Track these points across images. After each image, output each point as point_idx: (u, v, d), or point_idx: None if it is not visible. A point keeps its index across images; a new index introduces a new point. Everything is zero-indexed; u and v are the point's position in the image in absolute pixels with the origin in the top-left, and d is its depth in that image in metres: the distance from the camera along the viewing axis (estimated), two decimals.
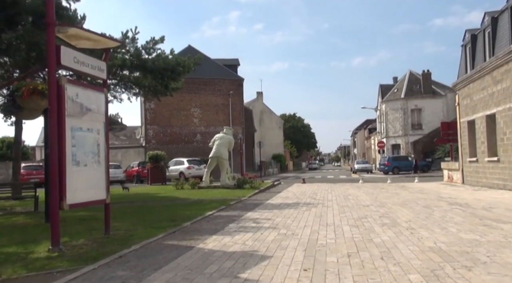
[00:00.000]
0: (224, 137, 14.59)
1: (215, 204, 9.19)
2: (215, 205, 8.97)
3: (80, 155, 4.80)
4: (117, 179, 24.64)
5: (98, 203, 5.38)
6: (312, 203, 9.29)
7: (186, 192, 13.19)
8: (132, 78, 12.01)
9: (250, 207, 8.64)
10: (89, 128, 5.04)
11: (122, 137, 37.48)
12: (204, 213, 7.62)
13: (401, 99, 36.87)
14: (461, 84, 16.03)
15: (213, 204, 9.25)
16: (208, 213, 7.62)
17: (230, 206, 8.95)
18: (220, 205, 8.85)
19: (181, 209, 8.47)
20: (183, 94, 32.36)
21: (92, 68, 5.13)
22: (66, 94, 4.59)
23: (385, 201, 9.25)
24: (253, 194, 12.09)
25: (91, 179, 5.03)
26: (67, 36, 4.90)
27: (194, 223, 6.46)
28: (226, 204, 9.11)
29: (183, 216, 7.32)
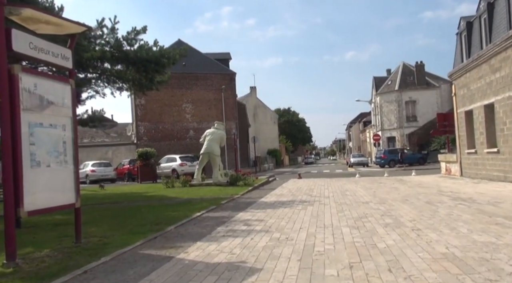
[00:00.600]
0: (215, 133, 13.98)
1: (205, 203, 8.63)
2: (205, 204, 8.40)
3: (41, 154, 4.17)
4: (107, 177, 24.00)
5: (65, 208, 4.77)
6: (308, 200, 8.77)
7: (176, 190, 12.60)
8: (114, 72, 11.32)
9: (242, 207, 8.09)
10: (52, 123, 4.42)
11: (113, 134, 36.66)
12: (192, 214, 7.05)
13: (395, 91, 36.51)
14: (457, 73, 15.59)
15: (203, 203, 8.68)
16: (196, 214, 7.05)
17: (221, 205, 8.40)
18: (210, 205, 8.29)
19: (168, 210, 7.89)
20: (174, 90, 31.63)
21: (54, 56, 4.49)
22: (21, 85, 3.95)
23: (384, 197, 8.77)
24: (247, 191, 11.55)
25: (55, 181, 4.41)
26: (23, 19, 4.25)
27: (179, 226, 5.89)
28: (217, 204, 8.55)
29: (169, 218, 6.74)
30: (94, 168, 23.90)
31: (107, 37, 10.20)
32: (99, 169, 23.99)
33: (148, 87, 11.40)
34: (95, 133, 37.26)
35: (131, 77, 11.39)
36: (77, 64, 9.85)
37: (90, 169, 23.89)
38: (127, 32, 10.32)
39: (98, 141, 35.13)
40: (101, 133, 37.12)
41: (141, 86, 11.51)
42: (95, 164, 24.53)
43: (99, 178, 23.54)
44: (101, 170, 23.97)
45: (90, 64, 10.30)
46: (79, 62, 9.68)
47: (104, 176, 23.84)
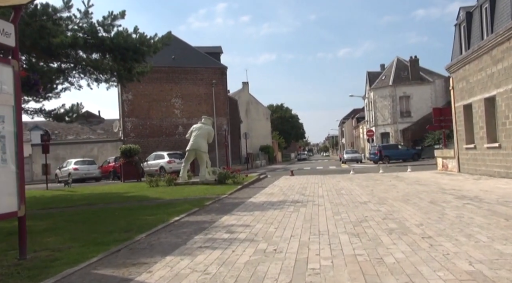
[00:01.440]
0: (202, 128, 13.14)
1: (188, 205, 7.83)
2: (187, 207, 7.60)
3: None
4: (92, 176, 22.99)
5: (5, 218, 3.92)
6: (300, 200, 8.03)
7: (160, 190, 11.76)
8: (90, 61, 10.39)
9: (227, 209, 7.32)
10: None
11: (99, 131, 35.52)
12: (170, 218, 6.25)
13: (389, 86, 36.03)
14: (455, 66, 14.99)
15: (185, 205, 7.88)
16: (175, 218, 6.26)
17: (205, 207, 7.61)
18: (192, 207, 7.49)
19: (144, 213, 7.07)
20: (162, 84, 30.62)
21: None
22: None
23: (383, 196, 8.08)
24: (235, 190, 10.77)
25: None
26: None
27: (151, 234, 5.09)
28: (201, 205, 7.77)
29: (143, 223, 5.94)
30: (77, 166, 22.81)
31: (80, 21, 9.26)
32: (83, 167, 22.91)
33: (127, 78, 10.50)
34: (81, 129, 36.07)
35: (109, 67, 10.50)
36: (45, 51, 8.92)
37: (73, 167, 22.80)
38: (103, 17, 9.39)
39: (84, 138, 33.99)
40: (86, 130, 35.94)
41: (120, 77, 10.60)
42: (78, 162, 23.45)
43: (82, 176, 22.55)
44: (85, 168, 22.90)
45: (62, 52, 9.36)
46: (48, 48, 8.75)
47: (88, 175, 22.83)
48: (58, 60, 10.00)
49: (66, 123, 14.04)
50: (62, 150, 29.91)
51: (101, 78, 11.16)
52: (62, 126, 36.79)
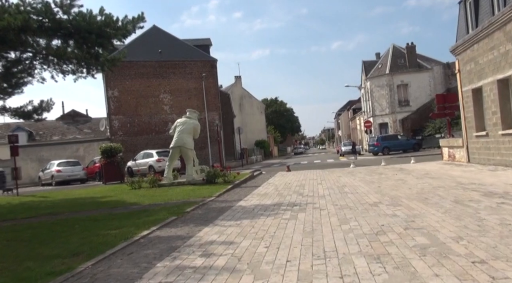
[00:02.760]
0: (187, 122, 11.85)
1: (165, 213, 6.59)
2: (163, 215, 6.37)
3: None
4: (76, 177, 21.56)
5: None
6: (298, 203, 6.82)
7: (141, 193, 10.49)
8: (50, 49, 9.02)
9: (211, 217, 6.08)
10: None
11: (86, 130, 33.99)
12: (137, 233, 5.02)
13: (386, 75, 34.83)
14: (462, 47, 13.77)
15: (162, 213, 6.65)
16: (143, 233, 5.02)
17: (184, 215, 6.37)
18: (169, 215, 6.26)
19: (110, 226, 5.82)
20: (150, 79, 29.11)
21: None
22: None
23: (395, 194, 6.89)
24: (224, 191, 9.55)
25: None
26: None
27: (103, 260, 3.85)
28: (180, 212, 6.53)
29: (101, 241, 4.70)
30: (60, 168, 21.37)
31: (34, 2, 7.88)
32: (66, 169, 21.49)
33: (96, 67, 9.14)
34: (67, 129, 34.52)
35: (74, 55, 9.14)
36: None
37: (56, 169, 21.34)
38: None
39: (70, 138, 32.46)
40: (73, 130, 34.41)
41: (88, 66, 9.25)
42: (62, 163, 21.98)
43: (66, 179, 21.18)
44: (68, 170, 21.48)
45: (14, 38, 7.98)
46: None
47: (72, 177, 21.43)
48: (13, 48, 8.62)
49: (35, 121, 12.65)
50: (46, 151, 28.39)
51: (67, 68, 9.79)
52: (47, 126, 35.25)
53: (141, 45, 29.83)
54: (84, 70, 9.50)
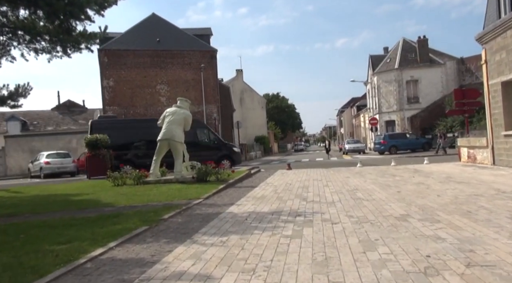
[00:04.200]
0: (177, 112, 10.49)
1: (136, 220, 5.27)
2: (133, 223, 5.05)
3: None
4: (65, 170, 20.27)
5: None
6: (302, 212, 5.47)
7: (122, 190, 9.17)
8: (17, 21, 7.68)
9: (191, 228, 4.75)
10: None
11: (81, 121, 32.76)
12: (87, 251, 3.71)
13: (395, 70, 33.25)
14: (490, 34, 12.27)
15: (133, 219, 5.33)
16: (95, 252, 3.71)
17: (159, 224, 5.04)
18: (141, 224, 4.94)
19: (60, 237, 4.49)
20: (146, 69, 27.71)
21: None
22: None
23: (423, 204, 5.54)
24: (215, 192, 8.22)
25: None
26: None
27: None
28: (155, 220, 5.21)
29: (33, 265, 3.41)
30: (49, 160, 20.07)
31: None
32: (55, 160, 20.21)
33: (72, 44, 7.78)
34: (61, 120, 33.30)
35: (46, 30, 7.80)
36: None
37: (44, 161, 20.06)
38: None
39: (64, 128, 31.22)
40: (68, 120, 33.19)
41: (62, 43, 7.89)
42: (51, 154, 20.69)
43: (55, 171, 19.91)
44: (58, 162, 20.20)
45: None
46: None
47: (61, 169, 20.15)
48: None
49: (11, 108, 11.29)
50: (38, 141, 27.12)
51: (39, 46, 8.44)
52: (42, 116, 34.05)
53: (138, 33, 28.43)
54: (59, 48, 8.13)
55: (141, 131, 15.45)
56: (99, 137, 13.51)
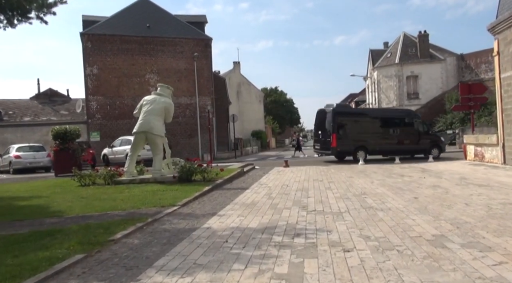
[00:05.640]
0: (156, 101, 9.11)
1: (74, 242, 3.94)
2: (66, 248, 3.73)
3: None
4: (39, 165, 18.23)
5: None
6: (302, 229, 4.18)
7: (87, 192, 7.81)
8: None
9: (144, 259, 3.44)
10: None
11: (63, 111, 30.89)
12: None
13: (395, 65, 32.00)
14: (505, 23, 11.08)
15: (72, 240, 4.00)
16: None
17: (103, 249, 3.72)
18: (78, 248, 3.64)
19: None
20: (135, 57, 26.06)
21: None
22: None
23: (456, 218, 4.28)
24: (198, 195, 6.91)
25: None
26: None
27: None
28: (101, 242, 3.90)
29: None
30: (20, 153, 17.79)
31: None
32: (27, 154, 17.88)
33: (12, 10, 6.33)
34: (41, 110, 31.33)
35: None
36: None
37: (14, 155, 17.76)
38: None
39: (43, 119, 29.33)
40: (48, 110, 31.22)
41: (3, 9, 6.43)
42: (22, 148, 18.32)
43: (26, 166, 17.77)
44: (29, 156, 17.86)
45: None
46: None
47: (34, 164, 17.92)
48: None
49: None
50: (12, 133, 25.10)
51: None
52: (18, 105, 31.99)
53: (126, 18, 26.71)
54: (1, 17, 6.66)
55: (377, 120, 16.23)
56: (69, 128, 12.02)
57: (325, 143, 15.90)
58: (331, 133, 15.25)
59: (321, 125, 16.39)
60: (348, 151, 15.44)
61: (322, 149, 16.59)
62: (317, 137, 17.17)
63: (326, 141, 15.70)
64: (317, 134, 17.13)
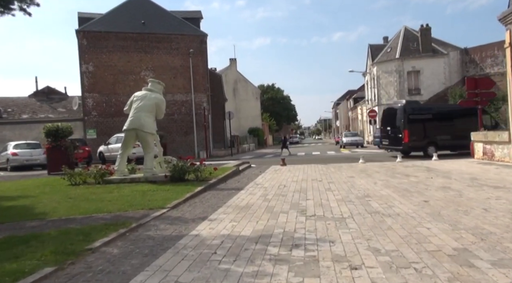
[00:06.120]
0: (147, 97, 8.63)
1: (48, 251, 3.48)
2: (37, 259, 3.27)
3: None
4: (35, 162, 18.14)
5: None
6: (301, 239, 3.71)
7: (76, 192, 7.34)
8: None
9: (120, 275, 2.97)
10: None
11: (60, 109, 30.40)
12: None
13: (396, 60, 31.50)
14: None
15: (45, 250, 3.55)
16: None
17: (78, 261, 3.26)
18: (50, 261, 3.19)
19: None
20: (130, 54, 25.51)
21: None
22: None
23: (478, 227, 3.83)
24: (189, 196, 6.45)
25: None
26: None
27: None
28: (77, 251, 3.45)
29: None
30: (17, 151, 17.90)
31: None
32: (24, 152, 18.06)
33: None
34: (39, 107, 30.91)
35: None
36: None
37: (11, 152, 17.90)
38: None
39: (41, 117, 28.88)
40: (46, 108, 30.79)
41: None
42: (20, 145, 18.47)
43: (23, 163, 17.80)
44: (26, 153, 18.05)
45: None
46: None
47: (31, 162, 18.01)
48: None
49: None
50: (10, 130, 24.86)
51: None
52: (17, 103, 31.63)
53: (121, 15, 26.14)
54: None
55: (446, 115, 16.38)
56: (61, 125, 11.56)
57: (395, 139, 16.19)
58: (402, 129, 15.60)
59: (390, 121, 16.75)
60: (419, 146, 15.87)
61: (391, 144, 16.85)
62: (385, 133, 17.48)
63: (397, 137, 16.01)
64: (385, 130, 17.44)
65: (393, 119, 16.44)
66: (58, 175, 10.78)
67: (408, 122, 15.56)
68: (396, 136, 16.14)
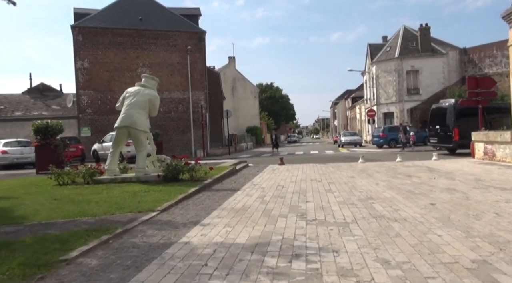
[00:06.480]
0: (140, 93, 8.26)
1: (16, 263, 3.12)
2: (2, 273, 2.88)
3: None
4: (27, 161, 17.72)
5: None
6: (301, 247, 3.38)
7: (62, 192, 6.98)
8: None
9: None
10: None
11: (55, 106, 29.92)
12: None
13: (395, 59, 31.24)
14: None
15: (14, 261, 3.19)
16: None
17: (49, 276, 2.90)
18: (17, 276, 2.80)
19: None
20: (126, 50, 25.05)
21: None
22: None
23: (493, 235, 3.50)
24: (182, 198, 6.10)
25: None
26: None
27: None
28: (50, 263, 3.10)
29: None
30: (7, 149, 17.50)
31: None
32: (14, 150, 17.65)
33: None
34: (33, 105, 30.40)
35: None
36: None
37: (1, 150, 17.48)
38: None
39: (34, 114, 28.39)
40: (40, 105, 30.28)
41: None
42: (10, 143, 18.05)
43: (13, 162, 17.38)
44: (16, 151, 17.64)
45: None
46: None
47: (21, 160, 17.63)
48: None
49: None
50: (1, 128, 24.41)
51: None
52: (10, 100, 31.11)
53: (118, 10, 25.69)
54: None
55: None
56: (51, 123, 11.15)
57: (445, 137, 16.34)
58: (452, 128, 15.69)
59: (439, 120, 16.83)
60: (469, 144, 15.87)
61: (440, 142, 16.99)
62: (433, 131, 17.61)
63: (447, 135, 16.15)
64: (433, 129, 17.57)
65: (442, 117, 16.52)
66: (46, 175, 10.40)
67: (458, 121, 15.65)
68: (446, 134, 16.23)
